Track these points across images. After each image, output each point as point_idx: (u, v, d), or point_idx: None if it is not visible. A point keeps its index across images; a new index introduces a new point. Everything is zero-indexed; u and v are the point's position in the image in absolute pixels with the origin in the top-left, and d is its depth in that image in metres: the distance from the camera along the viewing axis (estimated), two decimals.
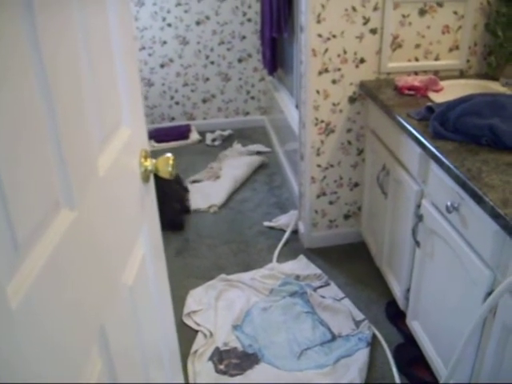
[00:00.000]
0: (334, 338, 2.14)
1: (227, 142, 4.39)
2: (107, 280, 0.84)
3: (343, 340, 2.12)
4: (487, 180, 1.41)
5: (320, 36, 2.34)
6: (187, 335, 2.20)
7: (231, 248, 2.87)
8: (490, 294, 1.34)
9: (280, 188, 3.55)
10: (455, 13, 2.38)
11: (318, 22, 2.31)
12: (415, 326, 1.98)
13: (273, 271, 2.58)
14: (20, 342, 0.52)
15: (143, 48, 4.29)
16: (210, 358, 2.06)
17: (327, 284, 2.48)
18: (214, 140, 4.40)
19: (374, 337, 2.15)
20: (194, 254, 2.83)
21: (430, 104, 1.90)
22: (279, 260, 2.72)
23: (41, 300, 0.58)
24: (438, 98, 2.08)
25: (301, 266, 2.63)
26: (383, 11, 2.32)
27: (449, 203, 1.56)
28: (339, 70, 2.41)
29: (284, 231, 2.96)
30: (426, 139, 1.72)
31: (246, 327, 2.22)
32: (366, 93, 2.39)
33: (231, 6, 4.28)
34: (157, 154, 1.15)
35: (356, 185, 2.71)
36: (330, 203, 2.75)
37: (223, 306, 2.36)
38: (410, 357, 2.00)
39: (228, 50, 4.44)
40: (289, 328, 2.20)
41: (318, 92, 2.45)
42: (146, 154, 1.13)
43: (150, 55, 4.33)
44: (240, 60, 4.51)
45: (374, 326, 2.20)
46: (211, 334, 2.17)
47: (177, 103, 4.58)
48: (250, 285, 2.48)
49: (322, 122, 2.52)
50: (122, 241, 0.95)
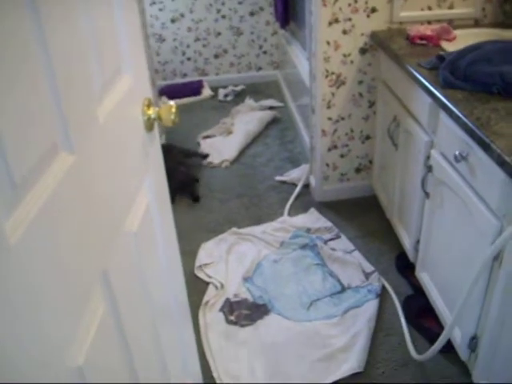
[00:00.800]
0: (343, 289, 2.16)
1: (239, 97, 4.35)
2: (109, 225, 0.85)
3: (352, 291, 2.14)
4: (496, 128, 1.39)
5: None
6: (199, 287, 2.24)
7: (243, 202, 2.88)
8: None
9: (292, 142, 3.54)
10: None
11: None
12: (424, 278, 1.99)
13: (284, 224, 2.59)
14: (19, 276, 0.53)
15: (154, 3, 4.22)
16: (221, 309, 2.10)
17: (338, 237, 2.49)
18: (226, 95, 4.36)
19: (384, 288, 2.16)
20: (206, 208, 2.85)
21: (441, 53, 1.86)
22: (290, 213, 2.73)
23: (40, 238, 0.59)
24: (451, 47, 2.03)
25: (312, 219, 2.64)
26: None
27: (457, 152, 1.54)
28: (350, 19, 2.36)
29: (295, 185, 2.97)
30: (435, 88, 1.69)
31: (256, 279, 2.25)
32: (378, 43, 2.34)
33: None
34: None
35: (367, 137, 2.69)
36: (342, 156, 2.73)
37: (234, 258, 2.39)
38: (419, 307, 2.02)
39: (239, 3, 4.36)
40: (299, 280, 2.22)
41: (328, 43, 2.41)
42: (149, 102, 1.13)
43: (160, 10, 4.27)
44: (252, 13, 4.42)
45: (384, 278, 2.22)
46: (222, 286, 2.21)
47: (188, 59, 4.54)
48: (260, 238, 2.50)
49: (333, 73, 2.49)
50: (125, 187, 0.96)
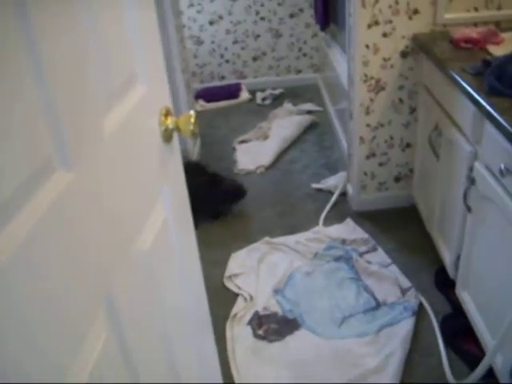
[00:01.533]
0: (378, 305, 2.06)
1: (278, 100, 4.28)
2: (116, 245, 0.80)
3: (388, 308, 2.03)
4: None
5: None
6: (228, 298, 2.18)
7: (277, 210, 2.80)
8: None
9: (330, 148, 3.44)
10: None
11: None
12: (464, 297, 1.86)
13: (318, 234, 2.50)
14: (4, 303, 0.50)
15: (191, 5, 4.19)
16: (249, 322, 2.02)
17: (374, 249, 2.38)
18: (264, 99, 4.30)
19: (421, 306, 2.04)
20: (239, 216, 2.78)
21: (487, 57, 1.74)
22: (326, 223, 2.64)
23: (33, 260, 0.55)
24: (498, 51, 1.90)
25: (347, 229, 2.54)
26: None
27: (502, 166, 1.43)
28: (390, 22, 2.25)
29: (332, 193, 2.87)
30: (480, 95, 1.57)
31: (287, 291, 2.17)
32: (420, 46, 2.23)
33: None
34: (206, 114, 1.09)
35: (408, 145, 2.57)
36: (380, 165, 2.62)
37: (265, 269, 2.31)
38: (458, 328, 1.90)
39: (279, 4, 4.29)
40: (332, 294, 2.13)
41: (367, 46, 2.31)
42: (168, 111, 1.06)
43: (198, 12, 4.24)
44: (292, 15, 4.35)
45: (422, 295, 2.10)
46: (251, 298, 2.13)
47: (227, 61, 4.49)
48: (293, 248, 2.41)
49: (372, 78, 2.38)
50: (137, 203, 0.90)
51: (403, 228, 2.53)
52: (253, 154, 3.38)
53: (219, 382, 1.52)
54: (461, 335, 1.88)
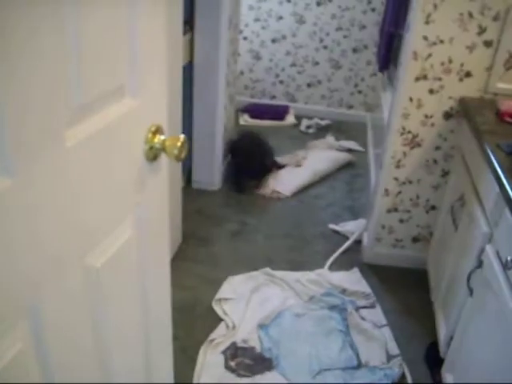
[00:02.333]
0: (359, 365, 1.96)
1: (322, 131, 4.22)
2: (54, 258, 0.76)
3: (368, 371, 1.93)
4: None
5: (425, 39, 2.10)
6: (210, 321, 2.12)
7: (287, 242, 2.74)
8: None
9: (360, 191, 3.35)
10: None
11: (427, 22, 2.08)
12: (449, 380, 1.75)
13: (320, 278, 2.42)
14: None
15: (258, 20, 4.19)
16: (224, 351, 1.96)
17: (372, 306, 2.29)
18: (308, 127, 4.24)
19: (403, 377, 1.94)
20: (248, 239, 2.73)
21: None
22: (332, 267, 2.55)
23: None
24: None
25: (351, 279, 2.45)
26: (504, 22, 2.04)
27: (509, 258, 1.33)
28: (440, 79, 2.17)
29: (347, 238, 2.78)
30: (506, 178, 1.48)
31: (272, 329, 2.09)
32: (464, 111, 2.13)
33: None
34: (246, 129, 1.04)
35: (433, 208, 2.47)
36: (401, 221, 2.52)
37: (257, 300, 2.24)
38: None
39: (344, 37, 4.24)
40: (316, 342, 2.04)
41: (410, 99, 2.23)
42: (157, 129, 1.02)
43: (263, 28, 4.23)
44: (355, 50, 4.29)
45: (407, 365, 1.99)
46: (234, 327, 2.07)
47: (281, 82, 4.47)
48: (291, 286, 2.34)
49: (409, 132, 2.30)
50: (96, 218, 0.87)
51: (408, 291, 2.42)
52: (280, 179, 3.33)
53: None
54: None
